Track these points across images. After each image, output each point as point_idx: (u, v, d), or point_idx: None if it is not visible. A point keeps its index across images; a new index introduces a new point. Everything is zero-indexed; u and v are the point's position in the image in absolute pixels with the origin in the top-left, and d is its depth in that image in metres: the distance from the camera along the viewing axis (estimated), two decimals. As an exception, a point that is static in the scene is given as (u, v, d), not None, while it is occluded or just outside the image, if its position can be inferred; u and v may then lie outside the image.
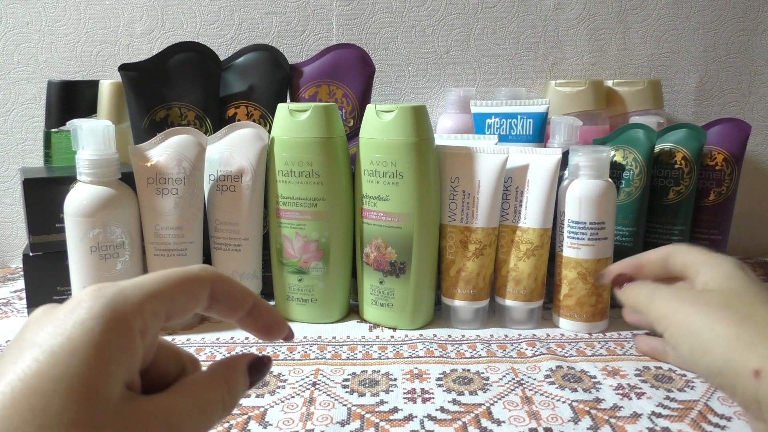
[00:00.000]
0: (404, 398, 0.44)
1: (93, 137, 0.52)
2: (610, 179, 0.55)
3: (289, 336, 0.30)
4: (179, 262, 0.56)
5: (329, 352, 0.53)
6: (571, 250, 0.55)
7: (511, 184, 0.56)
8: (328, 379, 0.48)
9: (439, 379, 0.47)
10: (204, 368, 0.27)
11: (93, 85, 0.69)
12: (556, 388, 0.46)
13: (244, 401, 0.44)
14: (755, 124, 0.81)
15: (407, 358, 0.51)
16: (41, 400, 0.20)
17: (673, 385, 0.47)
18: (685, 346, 0.31)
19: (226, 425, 0.41)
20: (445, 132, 0.72)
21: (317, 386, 0.46)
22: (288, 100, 0.68)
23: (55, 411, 0.20)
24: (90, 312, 0.22)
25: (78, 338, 0.21)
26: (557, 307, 0.57)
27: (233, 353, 0.51)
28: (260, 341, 0.54)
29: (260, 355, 0.28)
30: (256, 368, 0.28)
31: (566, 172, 0.56)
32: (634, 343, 0.53)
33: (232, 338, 0.55)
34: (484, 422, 0.41)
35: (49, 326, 0.22)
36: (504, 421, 0.41)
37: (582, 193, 0.54)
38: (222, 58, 0.65)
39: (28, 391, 0.20)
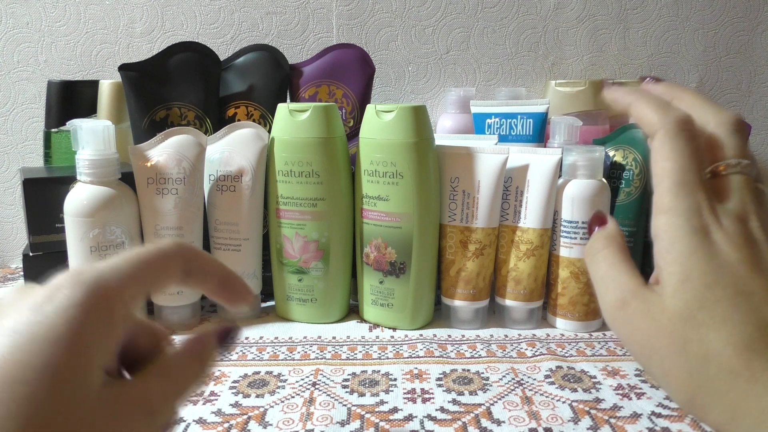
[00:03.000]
0: (404, 398, 0.44)
1: (93, 137, 0.52)
2: (603, 179, 0.55)
3: (252, 303, 0.30)
4: (179, 262, 0.56)
5: (329, 352, 0.53)
6: (564, 249, 0.55)
7: (511, 184, 0.56)
8: (328, 379, 0.48)
9: (439, 379, 0.47)
10: (176, 343, 0.27)
11: (93, 85, 0.69)
12: (556, 388, 0.46)
13: (244, 401, 0.44)
14: (755, 124, 0.81)
15: (407, 358, 0.51)
16: (25, 390, 0.20)
17: (673, 385, 0.46)
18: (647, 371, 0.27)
19: (226, 425, 0.41)
20: (445, 132, 0.72)
21: (317, 386, 0.46)
22: (288, 100, 0.68)
23: (39, 401, 0.20)
24: (71, 299, 0.22)
25: (60, 327, 0.21)
26: (552, 307, 0.58)
27: (232, 353, 0.52)
28: (260, 341, 0.54)
29: (228, 325, 0.29)
30: (226, 338, 0.28)
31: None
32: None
33: (232, 338, 0.55)
34: (484, 422, 0.41)
35: (28, 312, 0.21)
36: (504, 421, 0.41)
37: (575, 192, 0.54)
38: (222, 58, 0.65)
39: (11, 380, 0.20)
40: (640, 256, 0.63)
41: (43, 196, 0.56)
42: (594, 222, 0.30)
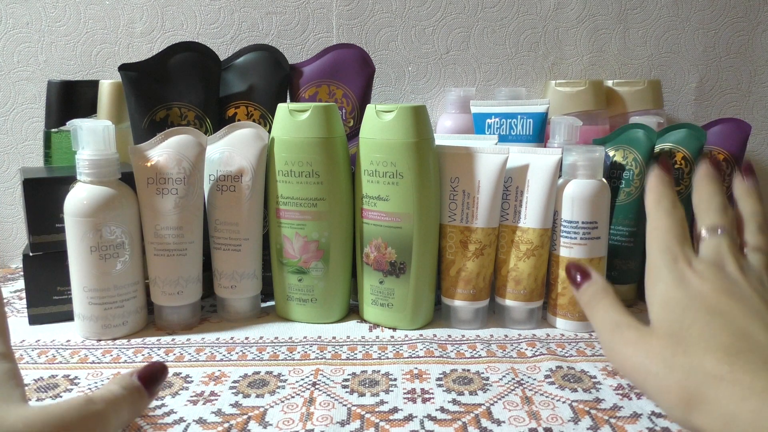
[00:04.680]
0: (404, 398, 0.44)
1: (93, 137, 0.52)
2: (603, 179, 0.55)
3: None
4: (179, 262, 0.56)
5: (329, 352, 0.53)
6: (564, 249, 0.55)
7: (511, 184, 0.56)
8: (328, 379, 0.48)
9: (439, 379, 0.47)
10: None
11: (93, 85, 0.69)
12: (556, 388, 0.46)
13: (244, 401, 0.44)
14: (755, 124, 0.81)
15: (407, 358, 0.51)
16: None
17: (673, 385, 0.46)
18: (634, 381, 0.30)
19: (226, 425, 0.41)
20: (445, 132, 0.72)
21: (317, 386, 0.46)
22: (288, 100, 0.68)
23: None
24: None
25: None
26: (552, 307, 0.58)
27: (232, 353, 0.52)
28: (260, 341, 0.54)
29: (151, 365, 0.32)
30: (149, 379, 0.31)
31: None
32: None
33: (232, 338, 0.55)
34: (484, 422, 0.41)
35: None
36: (504, 421, 0.41)
37: (575, 192, 0.55)
38: (222, 58, 0.65)
39: None
40: (640, 256, 0.63)
41: (43, 196, 0.56)
42: (577, 273, 0.34)
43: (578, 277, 0.34)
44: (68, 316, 0.57)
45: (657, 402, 0.29)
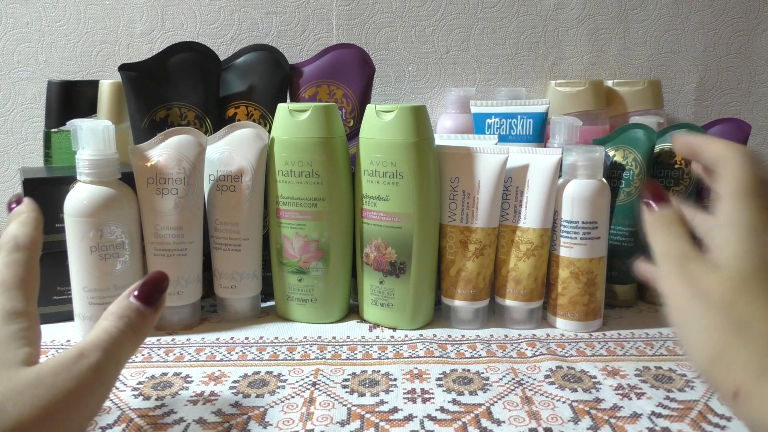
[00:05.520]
0: (404, 398, 0.44)
1: (93, 137, 0.52)
2: (603, 179, 0.55)
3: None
4: (179, 262, 0.56)
5: (329, 352, 0.53)
6: (564, 249, 0.55)
7: (511, 184, 0.56)
8: (328, 379, 0.48)
9: (439, 379, 0.47)
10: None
11: (93, 85, 0.69)
12: (556, 388, 0.46)
13: (244, 401, 0.44)
14: (755, 124, 0.81)
15: (407, 358, 0.51)
16: None
17: (673, 385, 0.47)
18: (677, 333, 0.30)
19: (226, 425, 0.41)
20: (445, 132, 0.72)
21: (317, 386, 0.46)
22: (288, 100, 0.68)
23: None
24: None
25: None
26: (552, 307, 0.58)
27: (232, 353, 0.52)
28: (260, 341, 0.54)
29: (147, 279, 0.31)
30: (151, 294, 0.30)
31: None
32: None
33: (232, 338, 0.55)
34: (484, 422, 0.41)
35: None
36: (504, 421, 0.41)
37: (574, 192, 0.55)
38: (222, 58, 0.65)
39: None
40: (640, 256, 0.63)
41: (43, 196, 0.56)
42: (653, 194, 0.34)
43: (653, 199, 0.34)
44: (68, 316, 0.57)
45: (685, 336, 0.29)
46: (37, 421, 0.25)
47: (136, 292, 0.30)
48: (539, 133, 0.62)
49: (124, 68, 0.60)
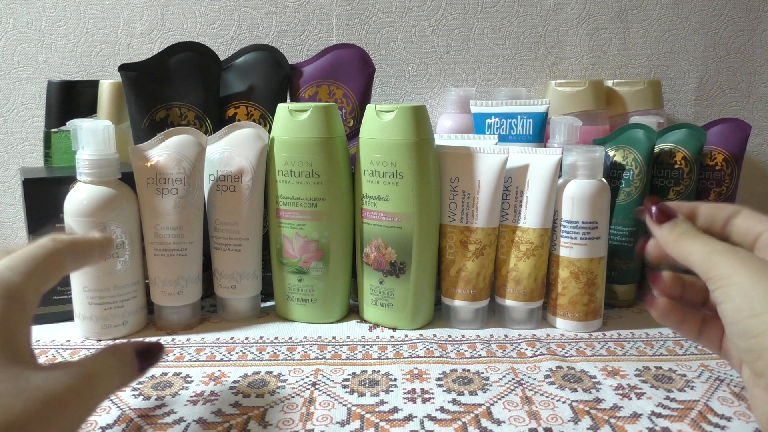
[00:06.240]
0: (404, 398, 0.44)
1: (93, 137, 0.52)
2: (603, 179, 0.55)
3: (108, 249, 0.36)
4: (179, 262, 0.56)
5: (329, 352, 0.53)
6: (564, 249, 0.55)
7: (511, 184, 0.56)
8: (328, 379, 0.48)
9: (439, 379, 0.47)
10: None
11: (93, 85, 0.69)
12: (556, 388, 0.46)
13: (244, 401, 0.44)
14: (755, 124, 0.81)
15: (407, 358, 0.51)
16: None
17: (673, 385, 0.47)
18: (733, 304, 0.31)
19: (226, 425, 0.41)
20: (445, 132, 0.72)
21: (317, 386, 0.46)
22: (288, 100, 0.68)
23: None
24: None
25: None
26: (552, 307, 0.58)
27: (232, 353, 0.52)
28: (260, 341, 0.54)
29: (150, 342, 0.33)
30: (145, 355, 0.32)
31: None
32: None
33: (232, 338, 0.55)
34: (484, 422, 0.41)
35: None
36: (504, 421, 0.41)
37: (574, 192, 0.55)
38: (222, 58, 0.65)
39: None
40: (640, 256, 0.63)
41: (43, 196, 0.56)
42: (659, 210, 0.35)
43: (658, 215, 0.35)
44: (68, 316, 0.57)
45: (730, 307, 0.30)
46: (26, 417, 0.25)
47: (135, 346, 0.32)
48: (539, 133, 0.62)
49: (124, 68, 0.60)
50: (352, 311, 0.61)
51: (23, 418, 0.24)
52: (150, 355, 0.32)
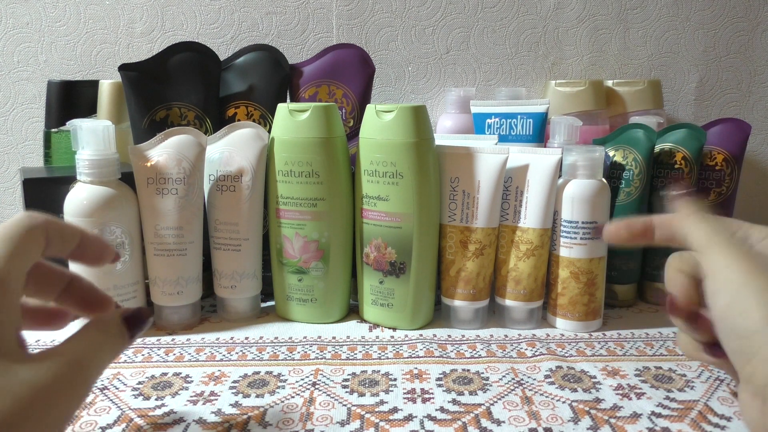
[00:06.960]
0: (404, 398, 0.44)
1: (93, 137, 0.52)
2: (603, 179, 0.55)
3: (115, 258, 0.34)
4: (179, 262, 0.56)
5: (329, 352, 0.53)
6: (564, 249, 0.55)
7: (511, 184, 0.56)
8: (328, 379, 0.48)
9: (439, 379, 0.47)
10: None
11: (93, 85, 0.69)
12: (556, 388, 0.46)
13: (244, 401, 0.44)
14: (755, 124, 0.81)
15: (407, 358, 0.51)
16: None
17: (673, 385, 0.47)
18: (723, 301, 0.29)
19: (226, 425, 0.41)
20: (445, 132, 0.72)
21: (317, 386, 0.46)
22: (288, 100, 0.68)
23: None
24: None
25: None
26: (552, 307, 0.58)
27: (232, 353, 0.52)
28: (260, 341, 0.54)
29: (136, 307, 0.32)
30: (133, 321, 0.31)
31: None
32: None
33: (232, 338, 0.55)
34: (484, 422, 0.41)
35: None
36: (504, 421, 0.41)
37: (574, 192, 0.55)
38: (222, 58, 0.65)
39: None
40: (640, 255, 0.63)
41: (43, 196, 0.56)
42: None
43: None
44: (68, 316, 0.56)
45: (721, 315, 0.29)
46: (13, 415, 0.25)
47: (123, 314, 0.31)
48: (539, 133, 0.62)
49: (124, 68, 0.60)
50: (352, 311, 0.61)
51: (12, 416, 0.24)
52: (138, 320, 0.31)
